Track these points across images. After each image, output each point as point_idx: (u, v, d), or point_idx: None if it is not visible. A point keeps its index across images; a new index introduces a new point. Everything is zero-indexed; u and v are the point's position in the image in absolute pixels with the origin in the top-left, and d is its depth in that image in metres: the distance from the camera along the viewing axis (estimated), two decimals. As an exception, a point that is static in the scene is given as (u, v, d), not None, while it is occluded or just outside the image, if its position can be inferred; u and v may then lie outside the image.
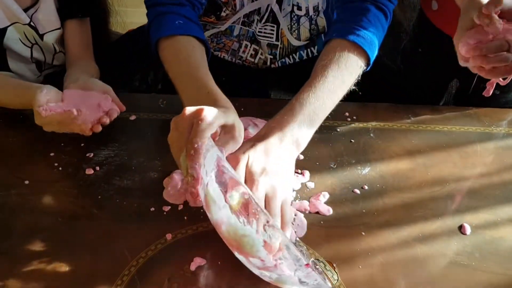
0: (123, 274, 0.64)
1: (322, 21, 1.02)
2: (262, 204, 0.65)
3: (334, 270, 0.65)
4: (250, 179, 0.66)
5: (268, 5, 0.98)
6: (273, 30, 1.02)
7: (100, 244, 0.68)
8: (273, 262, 0.59)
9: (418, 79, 1.17)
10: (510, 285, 0.65)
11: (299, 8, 0.98)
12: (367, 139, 0.90)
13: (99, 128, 0.84)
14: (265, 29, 1.02)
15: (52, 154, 0.83)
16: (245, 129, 0.87)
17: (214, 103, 0.71)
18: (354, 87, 0.81)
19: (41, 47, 1.05)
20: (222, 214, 0.61)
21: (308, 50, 1.08)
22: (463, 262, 0.67)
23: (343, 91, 0.79)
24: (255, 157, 0.68)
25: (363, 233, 0.71)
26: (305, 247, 0.68)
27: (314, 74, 0.79)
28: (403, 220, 0.73)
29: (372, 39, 0.80)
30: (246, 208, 0.63)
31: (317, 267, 0.65)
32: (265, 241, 0.60)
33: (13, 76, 1.04)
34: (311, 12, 0.99)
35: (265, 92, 1.18)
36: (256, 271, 0.61)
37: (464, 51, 0.74)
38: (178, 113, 0.66)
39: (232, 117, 0.68)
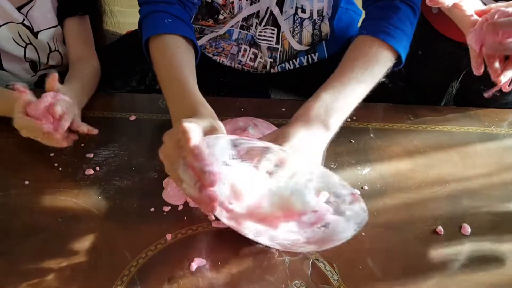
0: (123, 274, 0.64)
1: (326, 28, 1.01)
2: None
3: (334, 270, 0.65)
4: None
5: (268, 8, 0.98)
6: (273, 33, 1.02)
7: (100, 244, 0.68)
8: (326, 207, 0.58)
9: (418, 81, 1.17)
10: (510, 286, 0.65)
11: (303, 11, 0.97)
12: (367, 140, 0.90)
13: (69, 138, 0.80)
14: (265, 32, 1.01)
15: (52, 154, 0.83)
16: (245, 129, 0.87)
17: (192, 110, 0.70)
18: (383, 79, 0.80)
19: (35, 46, 1.04)
20: (261, 189, 0.58)
21: (309, 56, 1.07)
22: (463, 263, 0.67)
23: (372, 80, 0.78)
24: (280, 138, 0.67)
25: (363, 233, 0.71)
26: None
27: (341, 65, 0.79)
28: (403, 220, 0.73)
29: (401, 36, 0.80)
30: (280, 164, 0.61)
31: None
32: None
33: (6, 77, 1.04)
34: (315, 16, 0.98)
35: (265, 93, 1.18)
36: (307, 233, 0.59)
37: (474, 41, 0.74)
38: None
39: (208, 121, 0.66)
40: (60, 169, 0.81)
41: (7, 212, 0.73)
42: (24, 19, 1.00)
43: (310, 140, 0.69)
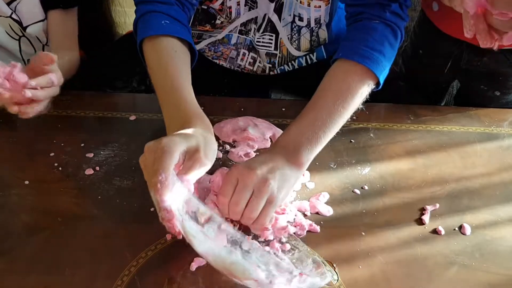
0: (123, 274, 0.64)
1: (323, 33, 1.01)
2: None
3: (334, 270, 0.65)
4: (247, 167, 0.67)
5: (265, 15, 0.97)
6: (271, 40, 1.01)
7: (100, 244, 0.68)
8: (267, 281, 0.59)
9: (419, 81, 1.17)
10: (510, 285, 0.64)
11: (301, 19, 0.97)
12: (367, 139, 0.90)
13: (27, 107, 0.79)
14: (263, 38, 1.01)
15: (52, 154, 0.83)
16: (245, 129, 0.87)
17: (186, 122, 0.70)
18: (361, 106, 0.79)
19: (29, 39, 1.04)
20: (205, 247, 0.61)
21: (307, 57, 1.07)
22: (463, 263, 0.67)
23: (348, 111, 0.76)
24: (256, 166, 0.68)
25: (363, 233, 0.71)
26: (305, 247, 0.68)
27: (316, 95, 0.77)
28: (403, 220, 0.73)
29: (378, 58, 0.78)
30: (224, 237, 0.64)
31: (318, 262, 0.65)
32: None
33: None
34: (312, 24, 0.97)
35: (265, 93, 1.18)
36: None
37: (470, 6, 0.73)
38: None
39: (195, 139, 0.66)
40: (60, 169, 0.81)
41: (7, 212, 0.73)
42: (12, 13, 1.00)
43: (284, 173, 0.69)
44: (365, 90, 0.78)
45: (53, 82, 0.81)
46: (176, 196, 0.62)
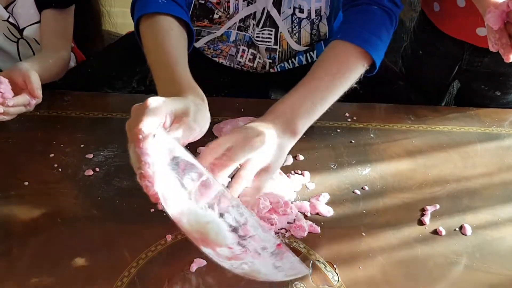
0: (123, 275, 0.64)
1: (324, 28, 1.01)
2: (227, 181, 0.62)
3: (335, 271, 0.65)
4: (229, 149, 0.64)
5: (264, 9, 0.97)
6: (271, 35, 1.01)
7: (100, 245, 0.68)
8: (242, 249, 0.55)
9: (419, 81, 1.17)
10: (511, 286, 0.64)
11: (301, 11, 0.97)
12: (367, 140, 0.89)
13: None
14: (262, 33, 1.01)
15: (51, 155, 0.83)
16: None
17: (179, 93, 0.69)
18: (355, 85, 0.80)
19: (27, 41, 1.04)
20: (181, 205, 0.57)
21: (307, 54, 1.07)
22: (464, 263, 0.67)
23: (342, 85, 0.77)
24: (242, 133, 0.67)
25: (364, 234, 0.71)
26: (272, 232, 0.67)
27: (313, 69, 0.78)
28: (404, 221, 0.73)
29: (375, 42, 0.79)
30: (205, 191, 0.59)
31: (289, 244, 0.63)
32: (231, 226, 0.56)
33: None
34: (313, 16, 0.98)
35: (265, 93, 1.18)
36: (227, 264, 0.57)
37: (492, 22, 0.73)
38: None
39: (183, 103, 0.65)
40: (60, 170, 0.81)
41: (7, 213, 0.73)
42: (9, 17, 1.00)
43: (278, 145, 0.69)
44: (360, 70, 0.79)
45: (30, 103, 0.83)
46: (160, 151, 0.57)
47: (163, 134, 0.57)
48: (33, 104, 0.84)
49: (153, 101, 0.60)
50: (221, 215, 0.55)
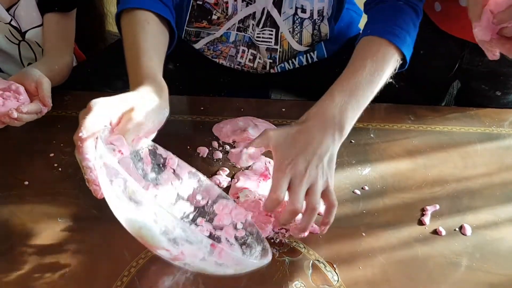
0: (123, 275, 0.64)
1: (325, 28, 1.01)
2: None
3: (335, 271, 0.65)
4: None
5: (264, 9, 0.97)
6: (271, 35, 1.01)
7: (100, 245, 0.68)
8: (178, 250, 0.55)
9: (419, 81, 1.17)
10: (511, 286, 0.64)
11: (304, 11, 0.97)
12: (367, 139, 0.89)
13: (2, 122, 0.81)
14: (263, 34, 1.01)
15: (52, 155, 0.83)
16: (245, 129, 0.87)
17: (137, 84, 0.70)
18: (390, 79, 0.80)
19: (29, 44, 1.04)
20: (119, 211, 0.57)
21: (308, 55, 1.07)
22: (464, 263, 0.67)
23: (381, 79, 0.77)
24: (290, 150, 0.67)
25: (364, 234, 0.71)
26: (260, 233, 0.67)
27: (351, 65, 0.78)
28: (404, 221, 0.73)
29: (405, 37, 0.80)
30: (133, 195, 0.56)
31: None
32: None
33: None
34: (315, 16, 0.98)
35: (265, 93, 1.18)
36: (173, 263, 0.58)
37: (481, 35, 0.73)
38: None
39: (130, 99, 0.65)
40: (60, 169, 0.81)
41: (7, 212, 0.73)
42: (11, 20, 1.00)
43: (322, 140, 0.69)
44: (394, 65, 0.79)
45: (42, 111, 0.84)
46: (103, 155, 0.57)
47: (99, 140, 0.57)
48: (44, 112, 0.85)
49: (94, 104, 0.62)
50: (153, 220, 0.54)
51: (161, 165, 0.71)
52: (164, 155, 0.71)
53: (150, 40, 0.78)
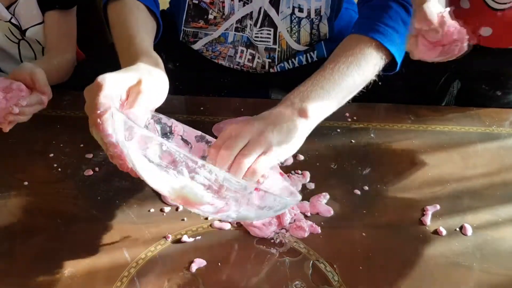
0: (123, 275, 0.63)
1: (324, 28, 1.01)
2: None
3: (335, 271, 0.65)
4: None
5: (260, 8, 0.97)
6: (269, 34, 1.01)
7: (100, 245, 0.68)
8: (223, 202, 0.56)
9: (419, 81, 1.17)
10: (511, 286, 0.64)
11: (301, 10, 0.97)
12: (367, 140, 0.89)
13: (8, 121, 0.80)
14: (261, 33, 1.01)
15: (51, 155, 0.83)
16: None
17: (133, 60, 0.69)
18: (374, 78, 0.79)
19: (29, 42, 1.04)
20: (154, 176, 0.58)
21: (307, 55, 1.07)
22: (464, 263, 0.67)
23: (358, 73, 0.76)
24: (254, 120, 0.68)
25: (364, 234, 0.70)
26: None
27: (327, 61, 0.78)
28: (404, 221, 0.73)
29: (391, 34, 0.79)
30: (170, 159, 0.58)
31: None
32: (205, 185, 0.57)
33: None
34: (312, 15, 0.98)
35: (265, 93, 1.17)
36: (216, 217, 0.60)
37: (429, 55, 0.72)
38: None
39: (135, 73, 0.65)
40: (60, 170, 0.81)
41: (6, 213, 0.73)
42: (11, 18, 1.00)
43: (290, 133, 0.68)
44: (378, 62, 0.78)
45: (43, 101, 0.83)
46: (120, 130, 0.58)
47: (117, 112, 0.57)
48: (46, 101, 0.84)
49: (102, 80, 0.61)
50: (192, 177, 0.55)
51: (168, 133, 0.70)
52: (169, 123, 0.71)
53: (141, 23, 0.79)
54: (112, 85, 0.61)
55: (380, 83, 0.81)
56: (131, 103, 0.63)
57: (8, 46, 1.03)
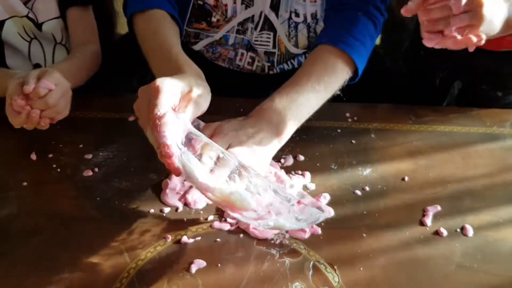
0: (122, 276, 0.63)
1: (321, 30, 1.01)
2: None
3: (335, 272, 0.65)
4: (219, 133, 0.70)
5: (261, 12, 0.97)
6: (269, 38, 1.01)
7: (99, 246, 0.68)
8: (266, 210, 0.60)
9: (420, 81, 1.17)
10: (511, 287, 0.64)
11: (297, 15, 0.97)
12: (368, 140, 0.89)
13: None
14: (261, 37, 1.01)
15: (50, 155, 0.83)
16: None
17: (177, 70, 0.72)
18: (338, 92, 0.83)
19: (40, 41, 1.04)
20: (204, 180, 0.61)
21: (306, 55, 1.07)
22: (465, 264, 0.66)
23: (327, 91, 0.80)
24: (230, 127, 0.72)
25: (364, 235, 0.70)
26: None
27: (298, 73, 0.81)
28: (405, 222, 0.73)
29: (360, 48, 0.82)
30: (224, 166, 0.63)
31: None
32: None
33: None
34: (309, 19, 0.98)
35: (265, 94, 1.17)
36: (253, 223, 0.63)
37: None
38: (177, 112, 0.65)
39: (186, 80, 0.67)
40: (59, 170, 0.80)
41: (6, 213, 0.73)
42: (29, 12, 1.00)
43: (258, 138, 0.72)
44: (344, 76, 0.82)
45: (48, 86, 0.79)
46: (175, 132, 0.62)
47: (174, 115, 0.61)
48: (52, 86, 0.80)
49: (161, 83, 0.63)
50: (242, 184, 0.60)
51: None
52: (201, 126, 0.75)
53: (173, 34, 0.82)
54: (169, 89, 0.63)
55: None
56: (182, 109, 0.66)
57: (20, 43, 1.03)
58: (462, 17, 0.64)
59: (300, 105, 0.76)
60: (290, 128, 0.76)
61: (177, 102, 0.65)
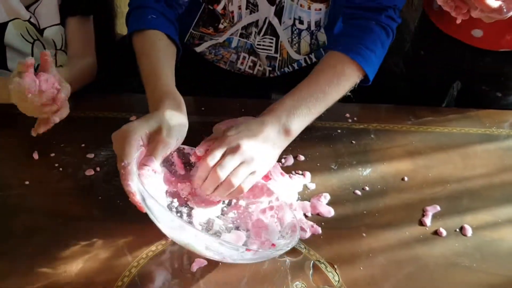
0: (124, 275, 0.64)
1: (322, 36, 1.01)
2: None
3: (335, 271, 0.65)
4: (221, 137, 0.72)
5: (266, 18, 0.97)
6: (271, 43, 1.02)
7: (101, 245, 0.68)
8: (221, 257, 0.62)
9: (420, 82, 1.17)
10: (511, 286, 0.64)
11: (301, 22, 0.97)
12: (368, 140, 0.90)
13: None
14: (263, 41, 1.01)
15: (52, 154, 0.83)
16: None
17: (158, 102, 0.74)
18: (349, 93, 0.84)
19: (43, 43, 1.04)
20: (163, 230, 0.64)
21: (307, 57, 1.07)
22: (464, 264, 0.67)
23: (337, 92, 0.82)
24: (234, 131, 0.73)
25: (364, 234, 0.71)
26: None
27: (310, 76, 0.83)
28: (404, 221, 0.73)
29: (370, 56, 0.84)
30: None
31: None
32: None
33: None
34: (312, 27, 0.98)
35: (265, 94, 1.17)
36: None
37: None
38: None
39: (157, 121, 0.70)
40: (61, 169, 0.81)
41: (7, 212, 0.73)
42: (31, 17, 1.00)
43: (266, 136, 0.73)
44: (354, 80, 0.84)
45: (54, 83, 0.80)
46: (145, 180, 0.66)
47: (139, 179, 0.63)
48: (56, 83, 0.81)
49: (126, 130, 0.68)
50: (195, 238, 0.62)
51: (191, 162, 0.75)
52: (191, 152, 0.76)
53: (163, 56, 0.84)
54: (136, 135, 0.68)
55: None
56: (151, 150, 0.69)
57: (22, 45, 1.03)
58: None
59: (309, 105, 0.78)
60: (298, 126, 0.77)
61: (145, 140, 0.69)
